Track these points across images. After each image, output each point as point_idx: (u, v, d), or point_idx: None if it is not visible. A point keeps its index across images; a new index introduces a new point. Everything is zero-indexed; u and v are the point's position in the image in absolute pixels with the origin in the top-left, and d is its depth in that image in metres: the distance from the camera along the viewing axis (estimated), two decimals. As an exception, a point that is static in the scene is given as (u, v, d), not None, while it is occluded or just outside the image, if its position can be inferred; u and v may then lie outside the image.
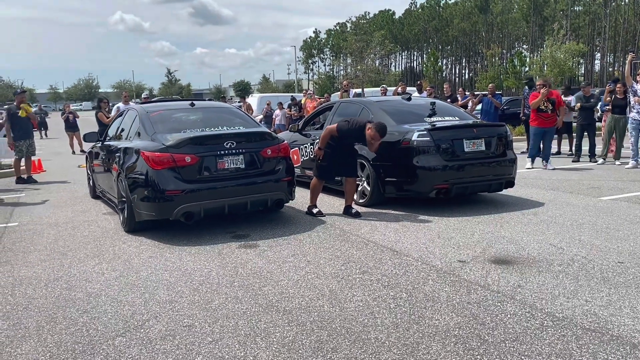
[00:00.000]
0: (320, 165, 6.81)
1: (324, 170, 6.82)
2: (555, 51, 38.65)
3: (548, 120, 10.57)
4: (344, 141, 6.62)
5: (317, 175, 6.90)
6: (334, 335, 3.33)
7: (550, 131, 10.72)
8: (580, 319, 3.44)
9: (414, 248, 5.21)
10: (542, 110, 10.52)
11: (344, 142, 6.63)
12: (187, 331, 3.47)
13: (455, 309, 3.67)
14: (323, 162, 6.75)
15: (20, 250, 5.64)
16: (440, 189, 6.68)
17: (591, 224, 5.92)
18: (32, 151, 11.15)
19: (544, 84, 10.64)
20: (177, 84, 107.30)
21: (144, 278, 4.59)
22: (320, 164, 6.79)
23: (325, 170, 6.81)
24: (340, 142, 6.62)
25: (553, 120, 10.64)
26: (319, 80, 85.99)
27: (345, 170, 6.80)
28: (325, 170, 6.82)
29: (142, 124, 6.51)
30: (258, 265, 4.84)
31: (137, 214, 5.96)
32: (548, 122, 10.58)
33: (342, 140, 6.60)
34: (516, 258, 4.78)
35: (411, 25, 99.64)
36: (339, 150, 6.67)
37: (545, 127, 10.59)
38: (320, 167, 6.82)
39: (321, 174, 6.87)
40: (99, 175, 8.03)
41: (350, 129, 6.50)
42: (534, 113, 10.69)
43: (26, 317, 3.82)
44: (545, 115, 10.55)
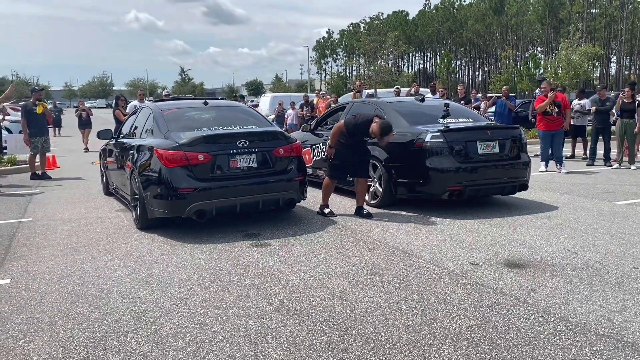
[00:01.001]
0: (332, 165, 6.77)
1: (336, 169, 6.77)
2: (571, 54, 38.31)
3: (554, 123, 10.57)
4: (354, 138, 6.58)
5: (329, 175, 6.86)
6: (345, 336, 3.32)
7: (558, 134, 10.68)
8: (594, 325, 3.40)
9: (426, 250, 5.18)
10: (547, 113, 10.55)
11: (355, 139, 6.59)
12: (198, 329, 3.48)
13: (467, 312, 3.64)
14: (335, 161, 6.71)
15: (34, 246, 5.70)
16: (453, 190, 6.64)
17: (605, 229, 5.86)
18: (47, 147, 11.26)
19: (551, 88, 10.62)
20: (190, 82, 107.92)
21: (156, 275, 4.61)
22: (332, 163, 6.76)
23: (337, 169, 6.76)
24: (351, 141, 6.59)
25: (559, 123, 10.62)
26: (332, 81, 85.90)
27: (358, 171, 6.74)
28: (337, 170, 6.77)
29: (155, 121, 6.55)
30: (269, 264, 4.84)
31: (150, 211, 5.99)
32: (554, 124, 10.58)
33: (352, 136, 6.57)
34: (529, 262, 4.74)
35: (425, 26, 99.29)
36: (351, 149, 6.63)
37: (552, 130, 10.59)
38: (332, 166, 6.78)
39: (333, 173, 6.82)
40: (112, 173, 8.08)
41: (357, 124, 6.52)
42: (539, 116, 10.74)
43: (39, 311, 3.85)
44: (551, 118, 10.56)
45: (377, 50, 47.74)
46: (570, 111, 11.42)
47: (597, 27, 75.66)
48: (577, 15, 74.67)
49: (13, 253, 5.41)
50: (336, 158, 6.69)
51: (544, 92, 10.71)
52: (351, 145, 6.62)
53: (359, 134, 6.57)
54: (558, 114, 10.54)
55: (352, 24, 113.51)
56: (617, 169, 10.96)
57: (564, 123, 10.77)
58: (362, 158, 6.77)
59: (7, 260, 5.17)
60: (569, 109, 11.13)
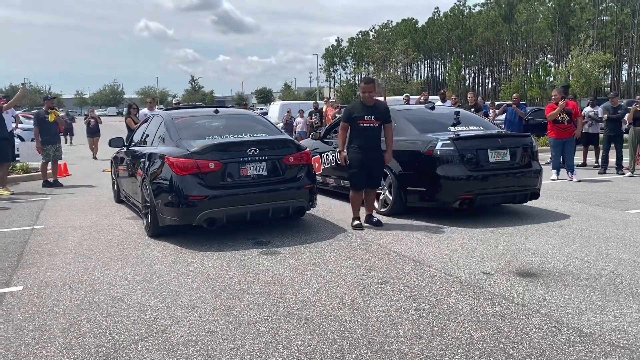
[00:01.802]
0: (352, 175, 6.55)
1: (355, 178, 6.53)
2: (582, 61, 38.12)
3: (565, 131, 10.53)
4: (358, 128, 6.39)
5: (352, 187, 6.63)
6: (356, 346, 3.30)
7: (570, 142, 10.62)
8: (608, 335, 3.36)
9: (437, 259, 5.16)
10: (558, 121, 10.51)
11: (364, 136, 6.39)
12: (209, 337, 3.48)
13: (479, 322, 3.61)
14: (352, 169, 6.50)
15: (46, 253, 5.73)
16: (464, 199, 6.61)
17: (619, 238, 5.80)
18: (59, 155, 11.36)
19: (562, 97, 10.55)
20: (201, 90, 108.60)
21: (167, 283, 4.62)
22: (351, 173, 6.55)
23: (356, 177, 6.52)
24: (363, 143, 6.39)
25: (570, 131, 10.56)
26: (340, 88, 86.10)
27: (370, 181, 6.60)
28: (357, 178, 6.52)
29: (167, 130, 6.59)
30: (279, 272, 4.84)
31: (161, 218, 6.01)
32: (565, 133, 10.53)
33: (354, 123, 6.40)
34: (541, 271, 4.70)
35: (434, 34, 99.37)
36: (365, 156, 6.41)
37: (563, 138, 10.55)
38: (352, 176, 6.56)
39: (355, 184, 6.57)
40: (123, 180, 8.13)
41: (351, 106, 6.70)
42: (550, 125, 10.71)
43: (51, 319, 3.87)
44: (561, 126, 10.52)
45: (386, 58, 47.78)
46: (581, 119, 11.36)
47: (608, 34, 75.27)
48: (587, 22, 74.37)
49: (25, 260, 5.45)
50: (352, 167, 6.51)
51: (554, 100, 10.66)
52: (364, 152, 6.41)
53: (356, 113, 6.42)
54: (569, 122, 10.49)
55: (361, 32, 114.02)
56: (630, 177, 10.86)
57: (575, 131, 10.70)
58: (376, 167, 6.57)
59: (19, 267, 5.21)
60: (580, 116, 11.08)
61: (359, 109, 6.47)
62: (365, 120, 6.39)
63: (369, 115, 6.40)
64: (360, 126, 6.40)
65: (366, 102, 6.45)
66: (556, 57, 78.54)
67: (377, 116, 6.42)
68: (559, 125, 10.52)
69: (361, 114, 6.41)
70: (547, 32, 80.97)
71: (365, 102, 6.45)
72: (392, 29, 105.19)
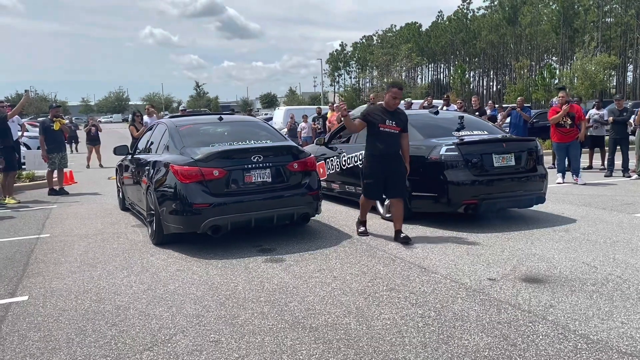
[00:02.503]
0: (366, 184, 6.31)
1: (370, 188, 6.30)
2: (586, 63, 38.02)
3: (567, 135, 10.47)
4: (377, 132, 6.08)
5: (363, 193, 6.48)
6: (361, 354, 3.29)
7: (574, 145, 10.54)
8: (616, 342, 3.33)
9: (442, 265, 5.13)
10: (560, 125, 10.45)
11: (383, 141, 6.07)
12: (214, 347, 3.47)
13: (485, 329, 3.59)
14: (368, 179, 6.25)
15: (52, 262, 5.75)
16: (469, 204, 6.58)
17: (626, 242, 5.76)
18: (64, 163, 11.41)
19: (566, 100, 10.48)
20: (205, 96, 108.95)
21: (172, 291, 4.62)
22: (366, 182, 6.30)
23: (371, 188, 6.28)
24: (381, 149, 6.08)
25: (573, 135, 10.49)
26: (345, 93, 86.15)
27: (392, 190, 6.26)
28: (371, 189, 6.29)
29: (171, 137, 6.61)
30: (284, 280, 4.83)
31: (166, 226, 6.02)
32: (567, 136, 10.47)
33: (374, 132, 6.11)
34: (548, 277, 4.66)
35: (438, 38, 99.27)
36: (384, 164, 6.11)
37: (565, 141, 10.49)
38: (366, 185, 6.33)
39: (367, 193, 6.38)
40: (128, 188, 8.16)
41: (372, 108, 6.40)
42: (553, 128, 10.66)
43: (57, 329, 3.87)
44: (564, 130, 10.47)
45: (390, 63, 47.79)
46: (585, 123, 11.27)
47: (613, 36, 75.01)
48: (592, 24, 74.15)
49: (31, 270, 5.47)
50: (369, 176, 6.21)
51: (561, 102, 10.55)
52: (381, 159, 6.10)
53: (376, 116, 6.12)
54: (571, 125, 10.42)
55: (365, 36, 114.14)
56: (636, 180, 10.80)
57: (579, 134, 10.61)
58: (396, 177, 6.17)
59: (25, 277, 5.22)
60: (584, 120, 11.01)
61: (379, 112, 6.18)
62: (386, 125, 6.09)
63: (390, 121, 6.10)
64: (379, 130, 6.09)
65: (389, 106, 6.16)
66: (561, 59, 78.37)
67: (398, 123, 6.13)
68: (562, 129, 10.48)
69: (382, 117, 6.10)
70: (552, 35, 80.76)
71: (389, 106, 6.17)
72: (395, 33, 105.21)
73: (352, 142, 8.50)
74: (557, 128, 10.54)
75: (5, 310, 4.30)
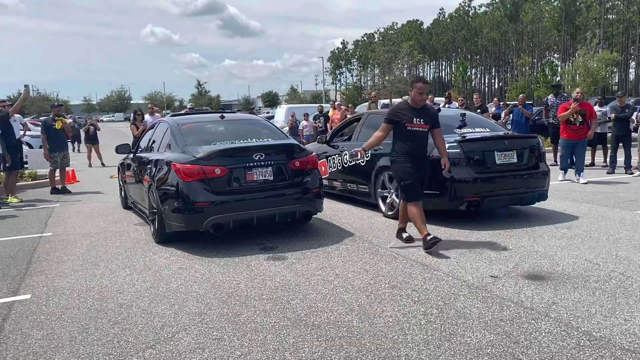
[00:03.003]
0: (406, 186, 5.72)
1: (409, 190, 5.72)
2: (588, 60, 37.93)
3: (577, 133, 10.29)
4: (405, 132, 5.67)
5: (405, 199, 5.84)
6: (364, 352, 3.29)
7: (581, 143, 10.39)
8: (619, 339, 3.32)
9: (444, 262, 5.13)
10: (571, 122, 10.27)
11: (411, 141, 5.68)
12: (216, 344, 3.47)
13: (488, 326, 3.58)
14: (407, 181, 5.68)
15: (54, 260, 5.76)
16: (471, 201, 6.57)
17: (628, 239, 5.75)
18: (67, 162, 11.42)
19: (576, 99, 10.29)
20: (207, 95, 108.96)
21: (174, 289, 4.62)
22: (405, 184, 5.71)
23: (413, 187, 5.69)
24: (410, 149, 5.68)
25: (583, 133, 10.31)
26: (346, 91, 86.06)
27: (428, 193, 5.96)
28: (411, 190, 5.70)
29: (173, 136, 6.61)
30: (286, 278, 4.83)
31: (168, 225, 6.03)
32: (577, 134, 10.29)
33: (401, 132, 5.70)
34: (550, 274, 4.66)
35: (439, 35, 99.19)
36: (415, 163, 5.69)
37: (574, 139, 10.32)
38: (407, 187, 5.72)
39: (410, 194, 5.72)
40: (130, 187, 8.16)
41: (397, 107, 5.92)
42: (562, 124, 10.48)
43: (59, 327, 3.88)
44: (574, 127, 10.28)
45: (392, 60, 47.69)
46: (595, 121, 10.94)
47: (615, 32, 74.84)
48: (593, 21, 74.00)
49: (34, 268, 5.48)
50: (406, 177, 5.69)
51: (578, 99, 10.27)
52: (412, 159, 5.68)
53: (403, 115, 5.68)
54: (582, 123, 10.23)
55: (366, 34, 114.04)
56: (639, 177, 10.77)
57: (589, 133, 10.39)
58: (424, 177, 5.86)
59: (27, 275, 5.23)
60: (594, 118, 10.73)
61: (406, 110, 5.73)
62: (414, 124, 5.67)
63: (418, 119, 5.68)
64: (407, 130, 5.67)
65: (416, 103, 5.73)
66: (563, 56, 78.22)
67: (427, 120, 5.73)
68: (572, 126, 10.28)
69: (409, 116, 5.68)
70: (553, 32, 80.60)
71: (415, 103, 5.73)
72: (397, 31, 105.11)
73: (354, 140, 8.49)
74: (567, 125, 10.33)
75: (9, 308, 4.31)
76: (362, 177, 7.93)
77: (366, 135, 8.24)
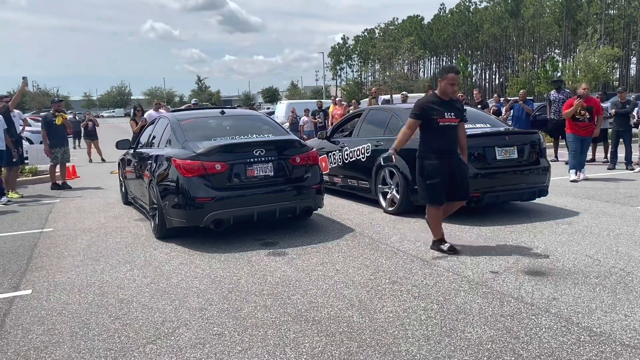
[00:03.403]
0: (431, 186, 5.23)
1: (435, 191, 5.23)
2: (589, 56, 37.87)
3: (584, 130, 9.85)
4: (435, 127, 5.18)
5: (430, 201, 5.34)
6: (364, 347, 3.29)
7: (587, 140, 10.09)
8: (619, 335, 3.33)
9: (445, 258, 5.13)
10: (578, 119, 9.84)
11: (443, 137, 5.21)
12: (217, 339, 3.48)
13: (488, 322, 3.59)
14: (433, 180, 5.20)
15: (55, 256, 5.76)
16: (472, 197, 6.54)
17: (629, 235, 5.75)
18: (67, 158, 11.42)
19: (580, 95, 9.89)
20: (207, 90, 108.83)
21: (175, 285, 4.63)
22: (430, 184, 5.23)
23: (438, 188, 5.21)
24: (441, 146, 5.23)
25: (590, 130, 9.89)
26: (347, 87, 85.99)
27: (459, 193, 5.37)
28: (436, 191, 5.23)
29: (173, 131, 6.60)
30: (287, 273, 4.83)
31: (168, 220, 6.03)
32: (585, 131, 9.86)
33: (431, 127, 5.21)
34: (550, 269, 4.66)
35: (440, 31, 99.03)
36: (445, 162, 5.23)
37: (582, 136, 9.89)
38: (431, 188, 5.23)
39: (434, 196, 5.27)
40: (130, 182, 8.16)
41: (426, 100, 5.38)
42: (569, 121, 10.03)
43: (60, 322, 3.89)
44: (581, 124, 9.83)
45: (393, 56, 47.59)
46: (601, 117, 10.39)
47: (616, 28, 74.67)
48: (594, 16, 73.84)
49: (35, 263, 5.48)
50: (432, 175, 5.21)
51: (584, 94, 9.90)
52: (443, 157, 5.22)
53: (434, 109, 5.18)
54: (589, 119, 9.81)
55: (366, 29, 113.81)
56: (639, 173, 10.75)
57: (595, 130, 9.99)
58: (460, 173, 5.33)
59: (28, 270, 5.24)
60: (601, 115, 10.25)
61: (436, 104, 5.23)
62: (445, 118, 5.18)
63: (449, 112, 5.21)
64: (438, 125, 5.18)
65: (447, 95, 5.27)
66: (563, 51, 78.08)
67: (457, 113, 5.28)
68: (580, 123, 9.84)
69: (440, 110, 5.19)
70: (554, 27, 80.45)
71: (446, 95, 5.26)
72: (397, 26, 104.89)
73: (354, 136, 8.49)
74: (574, 122, 9.90)
75: (9, 303, 4.32)
76: (363, 173, 7.93)
77: (366, 131, 8.26)
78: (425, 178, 5.27)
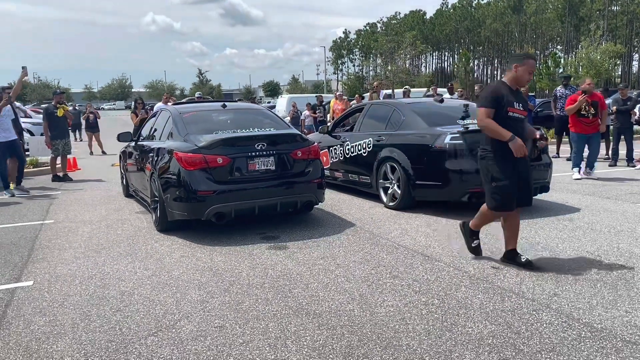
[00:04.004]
0: (499, 189, 4.52)
1: (504, 194, 4.52)
2: (592, 52, 37.76)
3: (590, 126, 9.65)
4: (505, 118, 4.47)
5: (494, 207, 4.62)
6: (365, 341, 3.30)
7: (595, 137, 9.79)
8: (620, 331, 3.33)
9: (446, 253, 5.13)
10: (582, 115, 9.63)
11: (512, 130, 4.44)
12: (218, 332, 3.49)
13: (489, 317, 3.59)
14: (501, 182, 4.51)
15: (56, 248, 5.77)
16: (474, 193, 6.56)
17: (630, 231, 5.74)
18: (68, 150, 11.41)
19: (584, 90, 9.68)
20: (208, 84, 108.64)
21: (176, 277, 4.63)
22: (498, 186, 4.52)
23: (508, 191, 4.51)
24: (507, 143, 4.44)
25: (596, 126, 9.68)
26: (348, 81, 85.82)
27: (524, 198, 4.69)
28: (508, 192, 4.52)
29: (175, 124, 6.60)
30: (288, 267, 4.84)
31: (170, 213, 6.03)
32: (590, 127, 9.66)
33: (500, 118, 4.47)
34: (551, 265, 4.66)
35: (442, 26, 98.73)
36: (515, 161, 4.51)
37: (587, 133, 9.68)
38: (500, 190, 4.53)
39: (502, 201, 4.55)
40: (132, 175, 8.16)
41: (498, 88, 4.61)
42: (573, 118, 9.83)
43: (62, 314, 3.89)
44: (586, 120, 9.63)
45: (395, 50, 47.49)
46: (606, 112, 10.21)
47: (619, 24, 74.44)
48: (597, 13, 73.61)
49: (36, 255, 5.49)
50: (501, 177, 4.51)
51: (589, 90, 9.70)
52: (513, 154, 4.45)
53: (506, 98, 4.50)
54: (594, 115, 9.59)
55: (368, 24, 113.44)
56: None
57: (600, 126, 9.76)
58: (525, 174, 4.65)
59: (29, 262, 5.25)
60: (605, 110, 10.07)
61: (506, 92, 4.55)
62: (515, 109, 4.53)
63: (518, 104, 4.57)
64: (508, 116, 4.50)
65: (521, 84, 4.68)
66: (566, 48, 77.89)
67: (525, 105, 4.66)
68: (584, 119, 9.63)
69: (510, 99, 4.52)
70: (557, 23, 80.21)
71: (520, 84, 4.67)
72: (400, 20, 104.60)
73: (356, 131, 8.48)
74: (578, 118, 9.67)
75: (11, 295, 4.33)
76: (364, 168, 7.92)
77: (368, 125, 8.24)
78: (492, 179, 4.58)
